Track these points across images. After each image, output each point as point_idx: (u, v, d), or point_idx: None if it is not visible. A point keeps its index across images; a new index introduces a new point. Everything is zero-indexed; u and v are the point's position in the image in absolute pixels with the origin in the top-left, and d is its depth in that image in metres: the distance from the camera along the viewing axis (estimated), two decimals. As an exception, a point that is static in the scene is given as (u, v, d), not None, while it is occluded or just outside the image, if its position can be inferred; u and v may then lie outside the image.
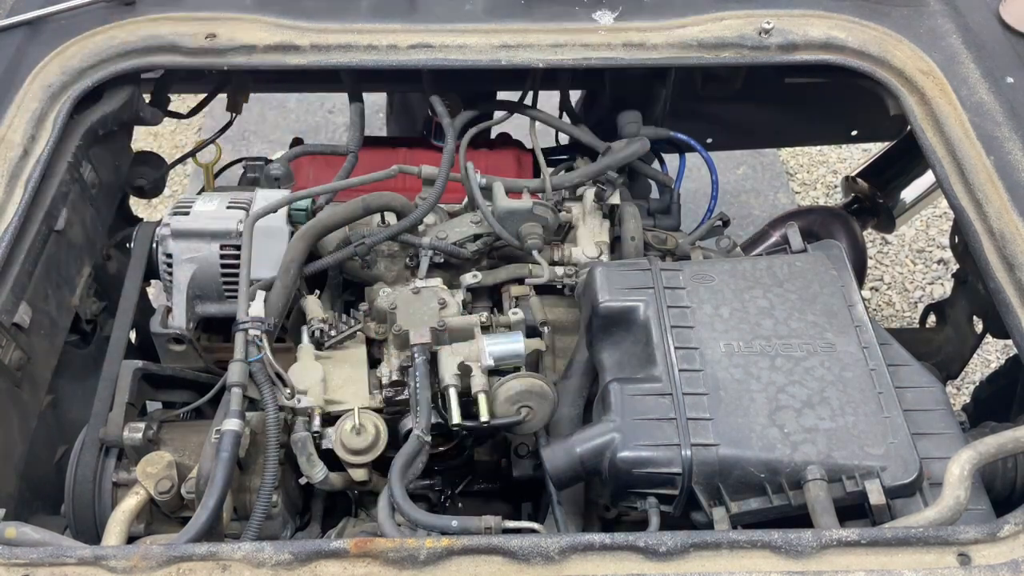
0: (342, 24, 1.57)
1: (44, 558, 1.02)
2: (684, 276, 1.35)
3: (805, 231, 2.03)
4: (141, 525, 1.28)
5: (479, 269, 1.56)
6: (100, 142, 1.59)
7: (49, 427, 1.47)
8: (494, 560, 1.02)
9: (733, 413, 1.17)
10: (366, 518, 1.41)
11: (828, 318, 1.29)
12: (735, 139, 2.15)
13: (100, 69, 1.53)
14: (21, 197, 1.37)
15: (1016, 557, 1.01)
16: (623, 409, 1.20)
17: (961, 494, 1.05)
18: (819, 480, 1.11)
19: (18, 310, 1.35)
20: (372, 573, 1.01)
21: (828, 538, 1.02)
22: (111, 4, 1.59)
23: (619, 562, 1.02)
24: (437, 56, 1.55)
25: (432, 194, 1.54)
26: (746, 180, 3.71)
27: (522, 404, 1.29)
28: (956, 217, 1.42)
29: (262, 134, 3.60)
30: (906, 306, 3.31)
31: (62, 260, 1.49)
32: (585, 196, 1.62)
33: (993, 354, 3.04)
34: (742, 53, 1.57)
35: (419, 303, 1.40)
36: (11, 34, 1.57)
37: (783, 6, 1.61)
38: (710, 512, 1.14)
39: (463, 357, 1.31)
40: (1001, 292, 1.29)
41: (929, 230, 3.54)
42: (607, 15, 1.60)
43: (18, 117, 1.45)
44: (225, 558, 1.02)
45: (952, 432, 1.19)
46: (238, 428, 1.21)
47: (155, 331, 1.49)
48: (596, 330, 1.35)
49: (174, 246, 1.50)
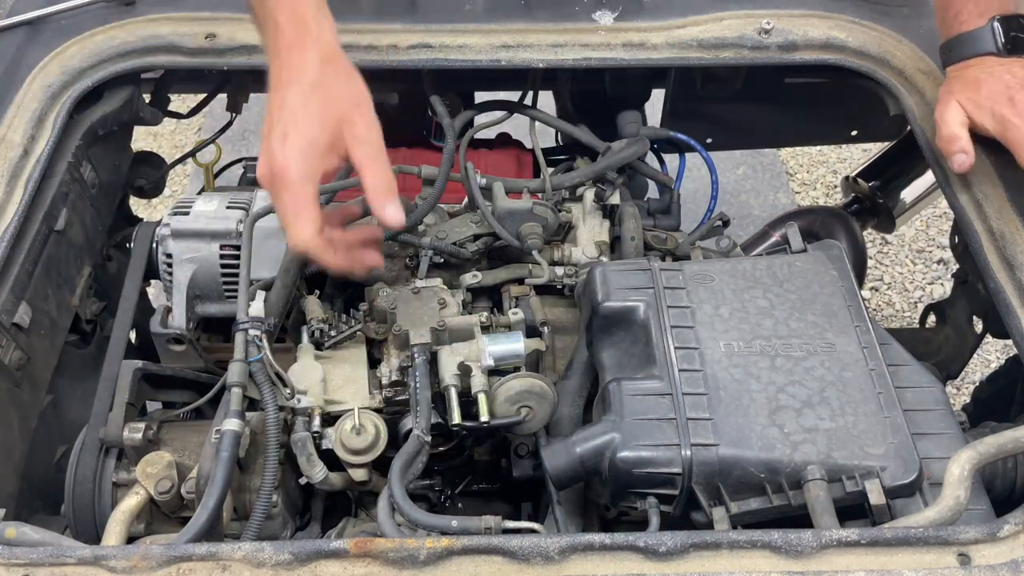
0: (342, 24, 1.55)
1: (44, 558, 1.02)
2: (684, 276, 1.35)
3: (805, 231, 2.03)
4: (141, 525, 1.28)
5: (479, 269, 1.56)
6: (100, 142, 1.59)
7: (49, 427, 1.47)
8: (494, 560, 1.02)
9: (733, 413, 1.17)
10: (366, 518, 1.41)
11: (828, 318, 1.29)
12: (735, 139, 2.14)
13: (100, 69, 1.53)
14: (21, 197, 1.38)
15: (1016, 557, 1.01)
16: (623, 409, 1.20)
17: (961, 494, 1.05)
18: (819, 480, 1.11)
19: (18, 310, 1.35)
20: (372, 573, 1.01)
21: (828, 538, 1.02)
22: (111, 4, 1.59)
23: (619, 562, 1.02)
24: (437, 56, 1.55)
25: (432, 194, 1.54)
26: (746, 180, 3.71)
27: (522, 404, 1.29)
28: (956, 217, 1.42)
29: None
30: (906, 306, 3.31)
31: (62, 260, 1.49)
32: (585, 196, 1.62)
33: (993, 354, 3.04)
34: (742, 53, 1.57)
35: (419, 303, 1.40)
36: (11, 34, 1.57)
37: (783, 6, 1.61)
38: (710, 512, 1.14)
39: (463, 357, 1.32)
40: (1001, 292, 1.29)
41: (929, 230, 3.54)
42: (607, 15, 1.60)
43: (18, 117, 1.45)
44: (225, 558, 1.02)
45: (952, 432, 1.19)
46: (238, 428, 1.21)
47: (155, 331, 1.49)
48: (596, 330, 1.35)
49: (174, 246, 1.50)
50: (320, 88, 1.10)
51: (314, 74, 1.10)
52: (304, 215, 1.09)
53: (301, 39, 1.11)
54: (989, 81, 1.35)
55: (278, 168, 1.08)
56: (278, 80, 1.11)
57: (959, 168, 1.35)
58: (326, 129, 1.09)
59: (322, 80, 1.10)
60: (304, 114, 1.08)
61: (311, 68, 1.10)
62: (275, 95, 1.11)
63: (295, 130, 1.07)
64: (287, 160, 1.07)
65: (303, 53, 1.11)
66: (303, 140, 1.07)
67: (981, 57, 1.38)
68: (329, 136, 1.09)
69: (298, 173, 1.08)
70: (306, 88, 1.09)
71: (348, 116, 1.10)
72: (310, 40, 1.12)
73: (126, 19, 1.58)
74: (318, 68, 1.11)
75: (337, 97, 1.11)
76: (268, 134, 1.10)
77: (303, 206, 1.09)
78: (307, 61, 1.11)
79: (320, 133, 1.08)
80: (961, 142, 1.34)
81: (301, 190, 1.08)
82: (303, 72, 1.10)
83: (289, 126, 1.08)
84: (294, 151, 1.07)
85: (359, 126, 1.11)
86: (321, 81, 1.10)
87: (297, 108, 1.08)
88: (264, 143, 1.10)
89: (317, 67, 1.11)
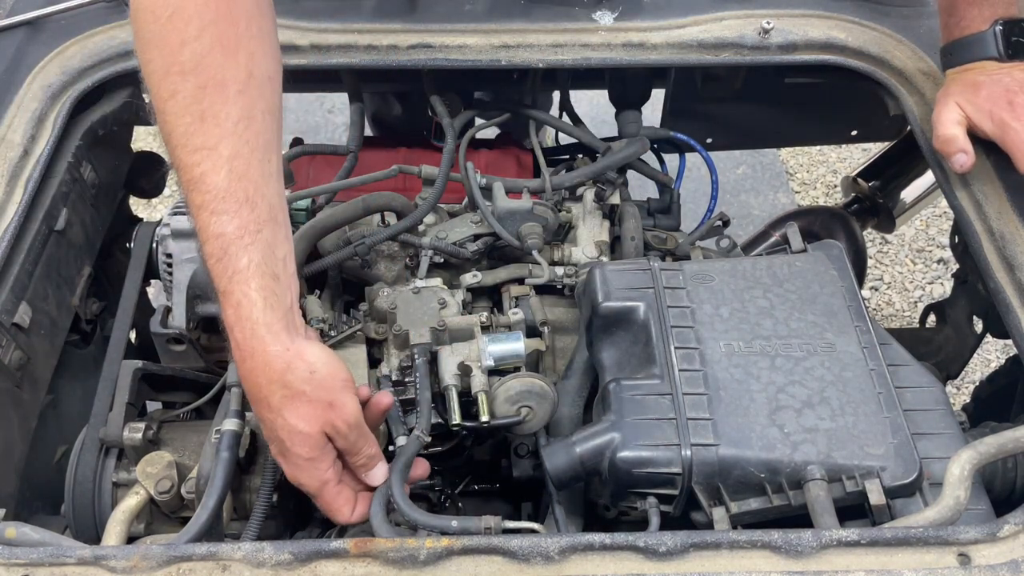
0: (342, 24, 1.57)
1: (44, 558, 1.02)
2: (684, 276, 1.35)
3: (805, 231, 2.02)
4: (141, 525, 1.28)
5: (479, 269, 1.56)
6: (100, 142, 1.59)
7: (49, 427, 1.47)
8: (494, 560, 1.02)
9: (733, 413, 1.17)
10: (366, 518, 1.41)
11: (828, 318, 1.29)
12: (735, 139, 2.14)
13: (100, 69, 1.53)
14: (21, 197, 1.38)
15: (1016, 557, 1.01)
16: (623, 409, 1.20)
17: (961, 494, 1.05)
18: (819, 480, 1.11)
19: (18, 310, 1.35)
20: (372, 573, 1.01)
21: (828, 538, 1.02)
22: (111, 4, 1.59)
23: (619, 562, 1.02)
24: (437, 56, 1.55)
25: (432, 194, 1.54)
26: (746, 180, 3.71)
27: (522, 404, 1.29)
28: (956, 217, 1.42)
29: (262, 134, 3.60)
30: (906, 306, 3.31)
31: (62, 260, 1.49)
32: (585, 196, 1.62)
33: (993, 354, 3.04)
34: (742, 53, 1.57)
35: (419, 303, 1.40)
36: (11, 34, 1.57)
37: (783, 6, 1.61)
38: (710, 512, 1.14)
39: (463, 357, 1.32)
40: (1001, 292, 1.29)
41: (929, 230, 3.54)
42: (607, 15, 1.60)
43: (18, 117, 1.45)
44: (225, 558, 1.02)
45: (952, 432, 1.19)
46: (238, 428, 1.21)
47: (155, 331, 1.49)
48: (596, 330, 1.35)
49: (174, 246, 1.50)
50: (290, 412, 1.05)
51: (276, 403, 1.05)
52: (338, 506, 1.12)
53: (248, 352, 1.04)
54: (988, 84, 1.34)
55: (293, 478, 1.11)
56: (247, 390, 1.08)
57: (960, 168, 1.35)
58: (318, 441, 1.08)
59: (291, 404, 1.05)
60: (289, 437, 1.06)
61: (275, 398, 1.05)
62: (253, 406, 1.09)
63: (291, 449, 1.07)
64: (299, 476, 1.10)
65: (256, 376, 1.05)
66: (302, 457, 1.08)
67: (981, 61, 1.37)
68: (322, 438, 1.08)
69: (312, 481, 1.10)
70: (277, 419, 1.06)
71: (328, 420, 1.07)
72: (256, 354, 1.04)
73: (126, 19, 1.57)
74: (278, 393, 1.05)
75: (309, 413, 1.06)
76: (268, 438, 1.10)
77: (333, 500, 1.12)
78: (262, 386, 1.05)
79: (313, 446, 1.07)
80: (959, 142, 1.34)
81: (324, 491, 1.11)
82: (265, 401, 1.06)
83: (283, 447, 1.08)
84: (300, 465, 1.08)
85: (338, 422, 1.08)
86: (291, 404, 1.05)
87: (280, 431, 1.07)
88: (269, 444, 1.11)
89: (277, 392, 1.05)
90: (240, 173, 1.03)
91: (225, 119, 1.04)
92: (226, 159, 1.03)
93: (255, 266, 1.03)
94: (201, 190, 1.03)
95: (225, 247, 1.03)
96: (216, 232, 1.03)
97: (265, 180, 1.06)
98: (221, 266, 1.03)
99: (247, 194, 1.04)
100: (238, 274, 1.03)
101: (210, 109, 1.03)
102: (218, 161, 1.03)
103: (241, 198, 1.03)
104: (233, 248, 1.03)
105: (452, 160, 1.60)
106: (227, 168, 1.03)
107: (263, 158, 1.07)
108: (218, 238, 1.03)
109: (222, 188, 1.03)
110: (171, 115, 1.04)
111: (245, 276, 1.03)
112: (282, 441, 1.07)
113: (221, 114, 1.03)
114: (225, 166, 1.03)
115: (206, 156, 1.03)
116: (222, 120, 1.03)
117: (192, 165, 1.03)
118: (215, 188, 1.03)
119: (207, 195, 1.03)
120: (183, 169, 1.04)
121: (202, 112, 1.03)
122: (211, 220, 1.03)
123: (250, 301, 1.03)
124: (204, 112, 1.03)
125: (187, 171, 1.04)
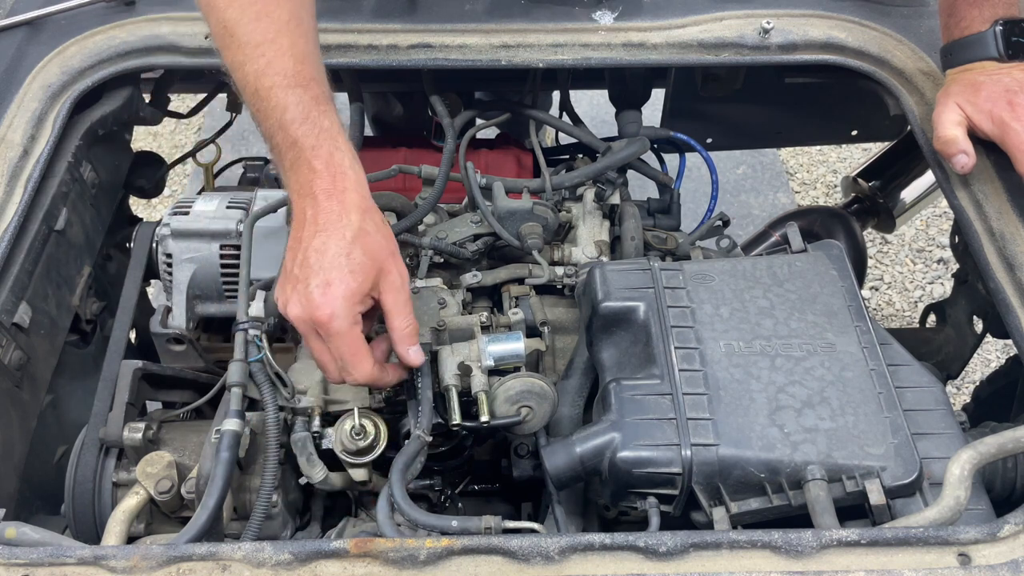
0: (342, 24, 1.57)
1: (44, 558, 1.02)
2: (684, 276, 1.35)
3: (805, 231, 2.03)
4: (141, 525, 1.28)
5: (479, 269, 1.56)
6: (100, 142, 1.60)
7: (49, 427, 1.47)
8: (494, 560, 1.02)
9: (733, 413, 1.17)
10: (366, 518, 1.41)
11: (828, 318, 1.29)
12: (735, 139, 2.14)
13: (100, 69, 1.53)
14: (21, 197, 1.38)
15: (1016, 557, 1.01)
16: (623, 409, 1.20)
17: (961, 494, 1.05)
18: (819, 480, 1.11)
19: (18, 310, 1.35)
20: (372, 573, 1.01)
21: (828, 538, 1.02)
22: (111, 4, 1.59)
23: (619, 562, 1.02)
24: (437, 56, 1.55)
25: (432, 194, 1.54)
26: (746, 180, 3.71)
27: (522, 404, 1.29)
28: (956, 217, 1.42)
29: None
30: (906, 306, 3.31)
31: (62, 260, 1.49)
32: (585, 196, 1.62)
33: (993, 354, 3.04)
34: (742, 53, 1.57)
35: (419, 303, 1.40)
36: (11, 34, 1.57)
37: (783, 6, 1.61)
38: (710, 512, 1.14)
39: (463, 357, 1.31)
40: (1001, 292, 1.29)
41: (929, 230, 3.54)
42: (607, 15, 1.60)
43: (18, 117, 1.45)
44: (225, 558, 1.02)
45: (952, 432, 1.19)
46: (238, 428, 1.21)
47: (155, 331, 1.49)
48: (596, 330, 1.35)
49: (174, 246, 1.50)
50: (361, 238, 1.11)
51: (355, 224, 1.11)
52: (360, 355, 1.14)
53: (340, 186, 1.12)
54: (988, 84, 1.34)
55: (322, 317, 1.10)
56: (314, 223, 1.12)
57: (961, 169, 1.35)
58: (368, 279, 1.11)
59: (363, 230, 1.12)
60: (347, 263, 1.10)
61: (352, 218, 1.11)
62: (311, 239, 1.11)
63: (339, 280, 1.09)
64: (333, 310, 1.10)
65: (343, 201, 1.12)
66: (347, 290, 1.10)
67: (981, 61, 1.37)
68: (368, 285, 1.12)
69: (346, 321, 1.11)
70: (348, 237, 1.10)
71: (385, 266, 1.13)
72: (348, 189, 1.13)
73: (126, 19, 1.58)
74: (359, 218, 1.12)
75: (377, 247, 1.12)
76: (305, 278, 1.11)
77: (358, 348, 1.14)
78: (347, 210, 1.11)
79: (362, 283, 1.11)
80: (959, 143, 1.34)
81: (351, 334, 1.12)
82: (343, 220, 1.11)
83: (333, 275, 1.10)
84: (339, 300, 1.10)
85: (394, 275, 1.14)
86: (362, 231, 1.11)
87: (340, 257, 1.10)
88: (299, 285, 1.11)
89: (358, 217, 1.12)
90: (301, 57, 1.17)
91: (278, 18, 1.18)
92: (287, 47, 1.17)
93: (338, 127, 1.16)
94: (269, 73, 1.15)
95: (307, 112, 1.14)
96: (295, 100, 1.14)
97: (321, 71, 1.20)
98: (307, 127, 1.14)
99: (312, 74, 1.17)
100: (324, 132, 1.14)
101: (264, 9, 1.18)
102: (281, 48, 1.16)
103: (308, 77, 1.16)
104: (314, 113, 1.14)
105: (452, 160, 1.60)
106: (290, 54, 1.16)
107: (317, 51, 1.21)
108: (298, 104, 1.14)
109: (290, 69, 1.16)
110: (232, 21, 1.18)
111: (332, 134, 1.14)
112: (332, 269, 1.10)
113: (274, 14, 1.18)
114: (288, 52, 1.16)
115: (268, 47, 1.16)
116: (276, 18, 1.18)
117: (257, 56, 1.16)
118: (283, 70, 1.15)
119: (276, 76, 1.15)
120: (249, 61, 1.16)
121: (257, 12, 1.17)
122: (287, 94, 1.14)
123: (342, 153, 1.14)
124: (259, 12, 1.17)
125: (253, 62, 1.16)
